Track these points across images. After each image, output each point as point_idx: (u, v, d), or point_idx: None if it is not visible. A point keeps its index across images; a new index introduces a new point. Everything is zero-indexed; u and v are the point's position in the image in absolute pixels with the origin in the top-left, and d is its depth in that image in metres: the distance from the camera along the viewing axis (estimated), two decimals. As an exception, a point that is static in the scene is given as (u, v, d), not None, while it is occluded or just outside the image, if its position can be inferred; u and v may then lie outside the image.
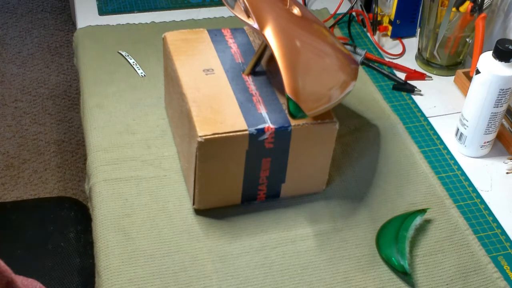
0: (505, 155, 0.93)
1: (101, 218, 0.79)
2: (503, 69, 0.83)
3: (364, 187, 0.85)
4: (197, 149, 0.72)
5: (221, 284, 0.72)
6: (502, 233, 0.81)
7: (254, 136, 0.73)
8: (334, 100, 0.75)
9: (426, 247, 0.78)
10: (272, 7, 0.76)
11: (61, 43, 2.34)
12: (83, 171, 1.83)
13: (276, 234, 0.78)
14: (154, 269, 0.73)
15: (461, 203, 0.85)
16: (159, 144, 0.89)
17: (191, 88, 0.78)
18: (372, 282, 0.73)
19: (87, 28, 1.14)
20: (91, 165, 0.86)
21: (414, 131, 0.96)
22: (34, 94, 2.09)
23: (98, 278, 0.73)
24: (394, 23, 1.15)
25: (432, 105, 1.02)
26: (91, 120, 0.93)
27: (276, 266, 0.74)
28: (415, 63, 1.11)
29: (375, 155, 0.90)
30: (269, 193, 0.81)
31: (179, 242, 0.76)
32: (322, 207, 0.82)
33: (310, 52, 0.75)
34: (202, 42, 0.86)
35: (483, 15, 0.97)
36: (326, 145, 0.79)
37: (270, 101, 0.77)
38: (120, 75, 1.02)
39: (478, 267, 0.76)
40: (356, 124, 0.95)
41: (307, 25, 0.79)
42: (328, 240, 0.78)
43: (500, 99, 0.85)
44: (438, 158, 0.92)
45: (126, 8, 1.21)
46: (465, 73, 1.04)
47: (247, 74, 0.81)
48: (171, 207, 0.80)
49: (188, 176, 0.80)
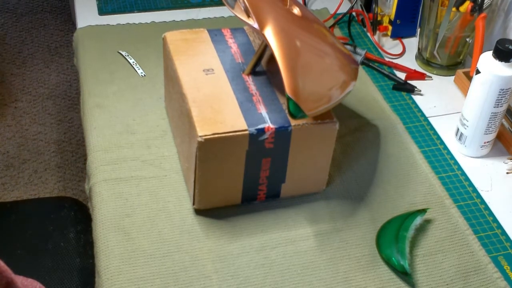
0: (505, 155, 0.93)
1: (101, 218, 0.79)
2: (503, 69, 0.83)
3: (364, 187, 0.85)
4: (197, 149, 0.72)
5: (221, 284, 0.72)
6: (502, 233, 0.81)
7: (254, 136, 0.73)
8: (334, 100, 0.75)
9: (426, 247, 0.78)
10: (272, 7, 0.76)
11: (61, 43, 2.34)
12: (83, 171, 1.83)
13: (276, 234, 0.78)
14: (154, 269, 0.73)
15: (461, 203, 0.85)
16: (159, 144, 0.89)
17: (191, 88, 0.78)
18: (372, 282, 0.73)
19: (87, 28, 1.14)
20: (91, 165, 0.86)
21: (414, 131, 0.96)
22: (34, 94, 2.09)
23: (98, 278, 0.73)
24: (394, 23, 1.15)
25: (432, 105, 1.02)
26: (91, 120, 0.93)
27: (276, 266, 0.74)
28: (415, 63, 1.11)
29: (375, 155, 0.90)
30: (269, 193, 0.81)
31: (179, 242, 0.76)
32: (322, 207, 0.82)
33: (310, 52, 0.75)
34: (202, 42, 0.86)
35: (483, 15, 0.97)
36: (326, 145, 0.79)
37: (270, 101, 0.77)
38: (120, 75, 1.02)
39: (478, 267, 0.76)
40: (356, 124, 0.95)
41: (307, 25, 0.79)
42: (328, 240, 0.78)
43: (500, 99, 0.85)
44: (438, 158, 0.92)
45: (126, 8, 1.21)
46: (465, 73, 1.04)
47: (247, 74, 0.81)
48: (171, 207, 0.80)
49: (188, 176, 0.80)
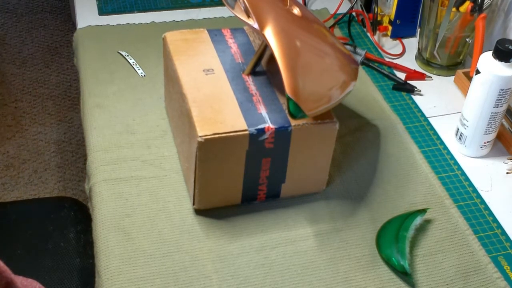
0: (505, 155, 0.93)
1: (101, 218, 0.79)
2: (503, 69, 0.83)
3: (364, 187, 0.85)
4: (197, 149, 0.72)
5: (221, 284, 0.72)
6: (502, 233, 0.81)
7: (254, 136, 0.73)
8: (334, 100, 0.75)
9: (426, 247, 0.78)
10: (272, 7, 0.76)
11: (61, 43, 2.34)
12: (83, 171, 1.83)
13: (276, 234, 0.78)
14: (154, 269, 0.73)
15: (461, 203, 0.85)
16: (159, 144, 0.89)
17: (191, 88, 0.78)
18: (372, 282, 0.73)
19: (87, 28, 1.14)
20: (91, 165, 0.86)
21: (414, 131, 0.96)
22: (34, 94, 2.09)
23: (98, 278, 0.73)
24: (394, 23, 1.15)
25: (432, 105, 1.02)
26: (91, 120, 0.93)
27: (276, 266, 0.74)
28: (415, 63, 1.11)
29: (375, 155, 0.90)
30: (269, 193, 0.81)
31: (179, 242, 0.76)
32: (322, 207, 0.82)
33: (310, 52, 0.75)
34: (202, 42, 0.86)
35: (483, 15, 0.97)
36: (326, 145, 0.79)
37: (270, 101, 0.77)
38: (120, 75, 1.02)
39: (478, 267, 0.76)
40: (356, 124, 0.95)
41: (307, 25, 0.79)
42: (328, 240, 0.78)
43: (500, 99, 0.85)
44: (438, 158, 0.92)
45: (126, 8, 1.21)
46: (465, 73, 1.04)
47: (247, 74, 0.81)
48: (171, 207, 0.80)
49: (188, 176, 0.80)
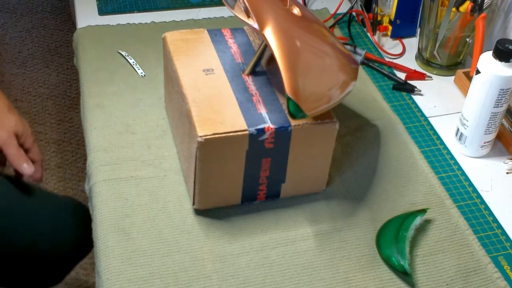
0: (505, 155, 0.93)
1: (101, 218, 0.79)
2: (503, 69, 0.83)
3: (364, 187, 0.85)
4: (197, 149, 0.72)
5: (221, 284, 0.72)
6: (502, 233, 0.81)
7: (254, 136, 0.73)
8: (334, 100, 0.75)
9: (426, 247, 0.78)
10: (272, 7, 0.76)
11: (61, 43, 2.34)
12: (83, 171, 1.83)
13: (276, 234, 0.78)
14: (154, 269, 0.73)
15: (461, 203, 0.85)
16: (159, 144, 0.89)
17: (191, 88, 0.78)
18: (372, 282, 0.73)
19: (87, 28, 1.14)
20: (91, 165, 0.86)
21: (414, 131, 0.96)
22: (34, 94, 2.09)
23: (98, 278, 0.73)
24: (394, 23, 1.15)
25: (432, 105, 1.02)
26: (91, 120, 0.93)
27: (276, 266, 0.74)
28: (415, 63, 1.11)
29: (375, 155, 0.90)
30: (269, 193, 0.81)
31: (179, 242, 0.76)
32: (322, 207, 0.82)
33: (310, 52, 0.75)
34: (202, 42, 0.86)
35: (483, 15, 0.97)
36: (326, 145, 0.79)
37: (270, 101, 0.77)
38: (120, 75, 1.02)
39: (478, 267, 0.76)
40: (356, 124, 0.95)
41: (307, 25, 0.79)
42: (328, 240, 0.78)
43: (500, 99, 0.85)
44: (438, 158, 0.92)
45: (126, 8, 1.21)
46: (465, 73, 1.04)
47: (247, 74, 0.81)
48: (171, 207, 0.80)
49: (188, 176, 0.80)
